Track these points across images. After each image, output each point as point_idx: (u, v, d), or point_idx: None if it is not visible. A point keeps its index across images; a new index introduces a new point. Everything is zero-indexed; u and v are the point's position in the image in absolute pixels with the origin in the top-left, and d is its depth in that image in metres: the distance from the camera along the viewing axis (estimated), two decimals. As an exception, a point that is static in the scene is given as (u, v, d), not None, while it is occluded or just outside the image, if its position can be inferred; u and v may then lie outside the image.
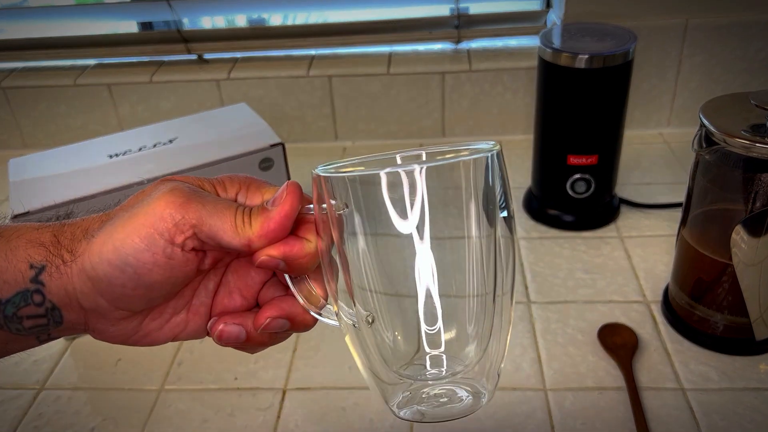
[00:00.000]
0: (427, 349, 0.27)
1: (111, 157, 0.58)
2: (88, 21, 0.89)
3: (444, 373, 0.28)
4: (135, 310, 0.29)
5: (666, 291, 0.57)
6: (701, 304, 0.51)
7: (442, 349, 0.27)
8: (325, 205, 0.27)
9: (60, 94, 0.86)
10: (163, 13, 0.87)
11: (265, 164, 0.59)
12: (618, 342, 0.52)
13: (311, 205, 0.29)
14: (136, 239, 0.27)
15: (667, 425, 0.46)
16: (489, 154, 0.26)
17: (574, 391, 0.49)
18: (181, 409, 0.50)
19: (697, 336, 0.52)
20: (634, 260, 0.62)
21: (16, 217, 0.51)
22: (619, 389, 0.49)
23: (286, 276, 0.30)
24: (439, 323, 0.26)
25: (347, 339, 0.30)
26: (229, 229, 0.28)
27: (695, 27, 0.76)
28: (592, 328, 0.54)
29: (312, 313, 0.30)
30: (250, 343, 0.31)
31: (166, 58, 0.89)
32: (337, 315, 0.29)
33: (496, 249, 0.27)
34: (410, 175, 0.25)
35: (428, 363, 0.28)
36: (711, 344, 0.52)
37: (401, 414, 0.28)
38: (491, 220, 0.26)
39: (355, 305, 0.28)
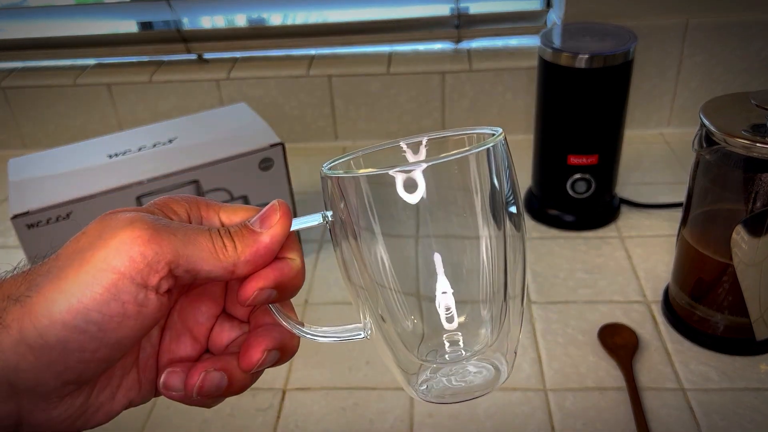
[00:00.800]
0: (445, 333, 0.27)
1: (110, 157, 0.58)
2: (88, 21, 0.89)
3: (463, 353, 0.28)
4: (87, 379, 0.24)
5: (666, 291, 0.57)
6: (702, 304, 0.51)
7: (459, 332, 0.27)
8: (333, 209, 0.26)
9: (60, 93, 0.86)
10: (162, 13, 0.87)
11: (265, 164, 0.59)
12: (618, 342, 0.52)
13: (295, 221, 0.26)
14: (98, 289, 0.22)
15: (668, 425, 0.46)
16: (492, 145, 0.26)
17: (575, 392, 0.49)
18: (181, 410, 0.50)
19: (698, 336, 0.52)
20: (634, 260, 0.62)
21: (15, 217, 0.51)
22: (619, 389, 0.49)
23: (270, 305, 0.26)
24: (453, 309, 0.27)
25: (369, 335, 0.29)
26: (208, 257, 0.24)
27: (695, 27, 0.76)
28: (593, 328, 0.54)
29: (301, 334, 0.28)
30: (231, 390, 0.26)
31: (165, 58, 0.89)
32: (362, 316, 0.28)
33: (505, 237, 0.27)
34: (418, 173, 0.24)
35: (447, 345, 0.28)
36: (711, 344, 0.52)
37: (425, 396, 0.28)
38: (498, 210, 0.27)
39: (364, 307, 0.27)
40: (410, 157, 0.28)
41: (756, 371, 0.50)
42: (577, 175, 0.64)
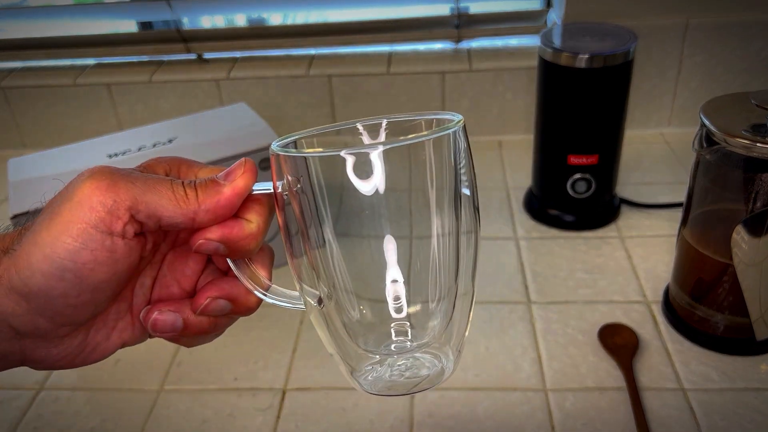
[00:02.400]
0: (393, 322, 0.27)
1: (110, 156, 0.58)
2: (88, 21, 0.89)
3: (409, 345, 0.27)
4: (80, 321, 0.26)
5: (666, 291, 0.57)
6: (702, 304, 0.51)
7: (407, 322, 0.27)
8: (282, 182, 0.26)
9: (59, 93, 0.86)
10: (162, 13, 0.87)
11: (265, 164, 0.59)
12: (618, 342, 0.52)
13: (256, 185, 0.27)
14: (68, 239, 0.24)
15: (668, 425, 0.46)
16: (453, 131, 0.25)
17: (575, 392, 0.49)
18: (181, 410, 0.50)
19: (698, 336, 0.52)
20: (634, 260, 0.62)
21: (15, 216, 0.51)
22: (619, 389, 0.49)
23: (228, 259, 0.28)
24: (403, 299, 0.26)
25: (312, 317, 0.28)
26: (168, 204, 0.25)
27: (696, 27, 0.76)
28: (593, 328, 0.54)
29: (258, 294, 0.28)
30: (187, 332, 0.28)
31: (165, 58, 0.89)
32: (300, 294, 0.28)
33: (459, 229, 0.26)
34: (372, 155, 0.24)
35: (393, 335, 0.27)
36: (711, 344, 0.52)
37: (368, 387, 0.28)
38: (454, 199, 0.26)
39: (318, 284, 0.27)
40: (366, 140, 0.27)
41: (756, 371, 0.50)
42: (578, 175, 0.64)
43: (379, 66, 0.82)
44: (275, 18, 0.89)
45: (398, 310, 0.26)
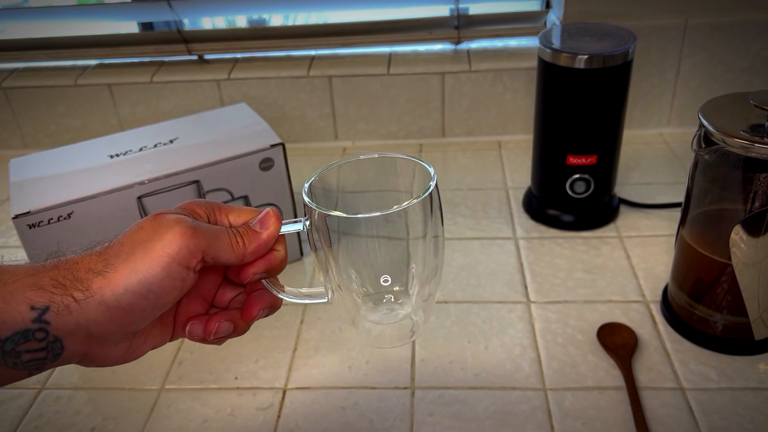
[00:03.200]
0: (385, 292, 0.39)
1: (111, 157, 0.58)
2: (89, 21, 0.90)
3: (396, 307, 0.40)
4: (137, 329, 0.33)
5: (665, 291, 0.57)
6: (701, 304, 0.52)
7: (392, 295, 0.39)
8: (303, 223, 0.37)
9: (61, 94, 0.87)
10: (163, 14, 0.87)
11: (265, 164, 0.59)
12: (618, 342, 0.52)
13: (283, 228, 0.37)
14: (158, 269, 0.31)
15: (667, 425, 0.46)
16: (428, 191, 0.35)
17: (574, 391, 0.49)
18: (182, 409, 0.50)
19: (697, 336, 0.52)
20: (633, 260, 0.62)
21: (17, 217, 0.51)
22: (618, 389, 0.49)
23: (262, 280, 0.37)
24: (390, 280, 0.39)
25: (336, 304, 0.39)
26: (227, 249, 0.34)
27: (695, 27, 0.76)
28: (592, 327, 0.54)
29: (281, 296, 0.38)
30: (234, 335, 0.37)
31: (166, 59, 0.89)
32: (325, 283, 0.39)
33: (427, 235, 0.37)
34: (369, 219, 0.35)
35: (384, 301, 0.40)
36: (710, 344, 0.52)
37: (367, 339, 0.41)
38: (426, 223, 0.37)
39: (337, 275, 0.38)
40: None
41: (755, 371, 0.50)
42: (577, 175, 0.65)
43: (379, 67, 0.82)
44: (276, 19, 0.89)
45: (388, 292, 0.39)
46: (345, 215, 0.35)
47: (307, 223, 0.37)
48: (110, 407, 0.51)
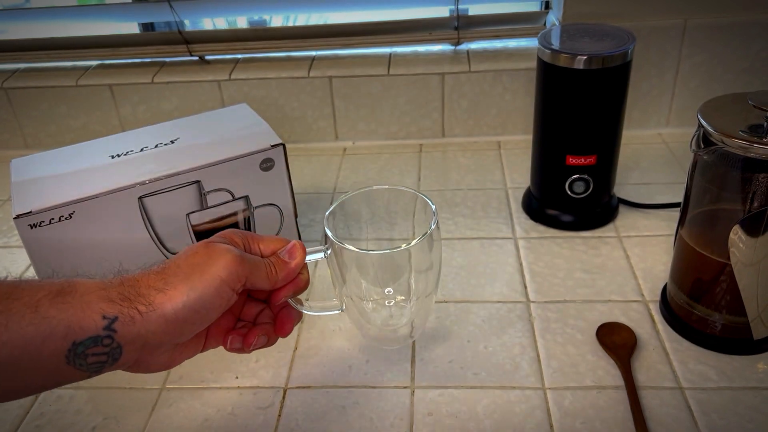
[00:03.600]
0: (387, 308, 0.47)
1: (113, 157, 0.58)
2: (90, 22, 0.90)
3: (394, 319, 0.48)
4: (184, 341, 0.39)
5: (664, 290, 0.57)
6: (700, 304, 0.52)
7: (393, 310, 0.47)
8: (323, 252, 0.45)
9: (62, 94, 0.87)
10: (164, 15, 0.88)
11: (266, 164, 0.59)
12: (617, 341, 0.52)
13: (308, 257, 0.44)
14: (211, 289, 0.37)
15: (666, 424, 0.46)
16: (430, 230, 0.43)
17: (573, 390, 0.49)
18: (182, 408, 0.50)
19: (696, 335, 0.52)
20: (632, 260, 0.62)
21: (18, 217, 0.51)
22: (617, 388, 0.49)
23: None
24: (392, 293, 0.46)
25: (347, 312, 0.48)
26: (264, 277, 0.41)
27: (694, 27, 0.77)
28: (591, 327, 0.54)
29: (305, 312, 0.46)
30: (267, 345, 0.44)
31: (167, 59, 0.89)
32: (338, 296, 0.47)
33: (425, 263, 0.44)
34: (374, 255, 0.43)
35: (387, 308, 0.47)
36: (709, 344, 0.52)
37: (373, 340, 0.50)
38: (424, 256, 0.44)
39: (347, 291, 0.46)
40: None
41: (754, 370, 0.50)
42: (576, 176, 0.65)
43: (379, 67, 0.83)
44: (276, 20, 0.90)
45: (389, 301, 0.47)
46: (358, 250, 0.42)
47: (329, 251, 0.44)
48: (111, 406, 0.51)
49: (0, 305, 0.32)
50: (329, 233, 0.43)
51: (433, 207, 0.44)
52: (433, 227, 0.43)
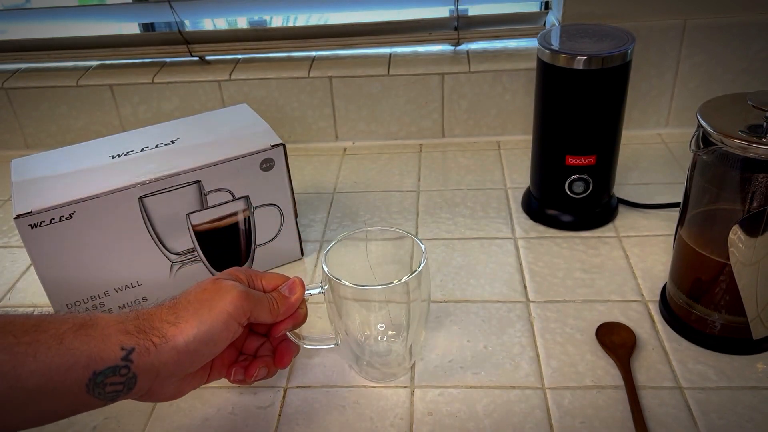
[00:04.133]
0: (378, 340, 0.50)
1: (113, 157, 0.58)
2: (90, 22, 0.90)
3: (383, 349, 0.51)
4: (192, 371, 0.42)
5: (664, 290, 0.57)
6: (699, 304, 0.52)
7: (385, 340, 0.50)
8: (320, 287, 0.48)
9: (62, 94, 0.87)
10: (164, 15, 0.88)
11: (266, 165, 0.59)
12: (616, 341, 0.53)
13: (307, 292, 0.47)
14: (220, 324, 0.40)
15: (666, 424, 0.46)
16: (420, 268, 0.46)
17: (573, 390, 0.49)
18: (183, 408, 0.50)
19: (695, 335, 0.53)
20: (632, 260, 0.62)
21: (19, 217, 0.51)
22: (617, 388, 0.49)
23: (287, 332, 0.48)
24: (386, 329, 0.50)
25: (342, 346, 0.50)
26: (267, 312, 0.44)
27: (694, 27, 0.77)
28: (591, 327, 0.55)
29: (304, 345, 0.50)
30: (267, 376, 0.47)
31: (168, 60, 0.89)
32: (335, 331, 0.50)
33: (410, 306, 0.48)
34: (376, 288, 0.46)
35: (380, 344, 0.51)
36: (709, 343, 0.52)
37: (366, 375, 0.51)
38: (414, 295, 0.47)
39: (343, 325, 0.49)
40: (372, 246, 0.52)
41: (753, 370, 0.50)
42: (575, 176, 0.65)
43: (379, 68, 0.83)
44: (276, 20, 0.90)
45: (382, 337, 0.50)
46: (353, 285, 0.45)
47: (326, 287, 0.47)
48: (112, 406, 0.51)
49: (28, 337, 0.35)
50: (326, 269, 0.46)
51: (423, 246, 0.48)
52: (423, 264, 0.46)
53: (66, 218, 0.53)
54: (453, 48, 0.87)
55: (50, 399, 0.35)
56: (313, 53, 0.88)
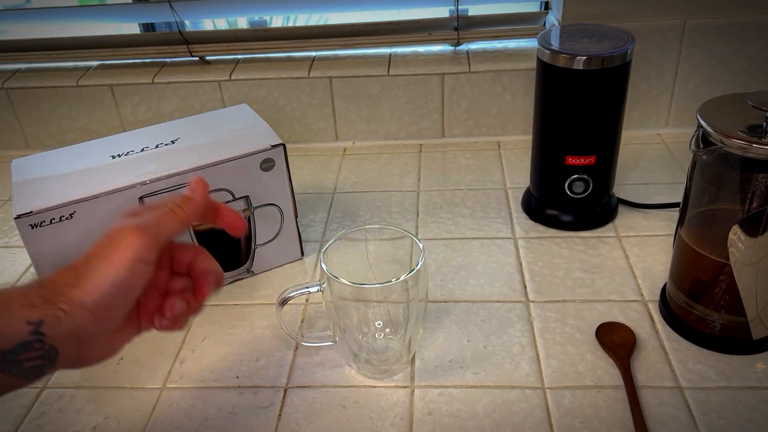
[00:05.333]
0: (375, 337, 0.51)
1: (113, 157, 0.58)
2: (91, 22, 0.90)
3: (381, 346, 0.51)
4: (116, 325, 0.39)
5: (664, 290, 0.57)
6: (699, 304, 0.52)
7: (383, 337, 0.51)
8: (319, 286, 0.49)
9: (63, 94, 0.87)
10: (164, 15, 0.88)
11: (266, 165, 0.59)
12: (616, 341, 0.53)
13: (294, 291, 0.49)
14: (123, 271, 0.37)
15: (665, 424, 0.46)
16: (418, 266, 0.46)
17: (573, 390, 0.49)
18: (183, 408, 0.50)
19: (695, 335, 0.53)
20: (632, 260, 0.62)
21: (19, 217, 0.51)
22: (617, 388, 0.49)
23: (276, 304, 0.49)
24: (382, 324, 0.50)
25: (340, 343, 0.51)
26: (171, 222, 0.40)
27: (693, 27, 0.77)
28: (591, 327, 0.55)
29: (302, 343, 0.52)
30: (189, 313, 0.43)
31: (168, 60, 0.89)
32: (332, 328, 0.51)
33: (409, 304, 0.48)
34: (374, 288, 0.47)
35: (377, 341, 0.52)
36: (708, 343, 0.52)
37: (362, 371, 0.52)
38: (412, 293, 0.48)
39: (340, 323, 0.49)
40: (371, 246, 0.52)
41: (753, 370, 0.50)
42: (575, 176, 0.65)
43: (379, 68, 0.83)
44: (276, 21, 0.90)
45: (379, 334, 0.51)
46: (351, 284, 0.45)
47: (324, 285, 0.47)
48: (112, 406, 0.51)
49: None
50: (324, 267, 0.46)
51: (421, 245, 0.48)
52: (421, 263, 0.46)
53: (66, 218, 0.53)
54: (453, 48, 0.87)
55: None
56: (313, 53, 0.88)
